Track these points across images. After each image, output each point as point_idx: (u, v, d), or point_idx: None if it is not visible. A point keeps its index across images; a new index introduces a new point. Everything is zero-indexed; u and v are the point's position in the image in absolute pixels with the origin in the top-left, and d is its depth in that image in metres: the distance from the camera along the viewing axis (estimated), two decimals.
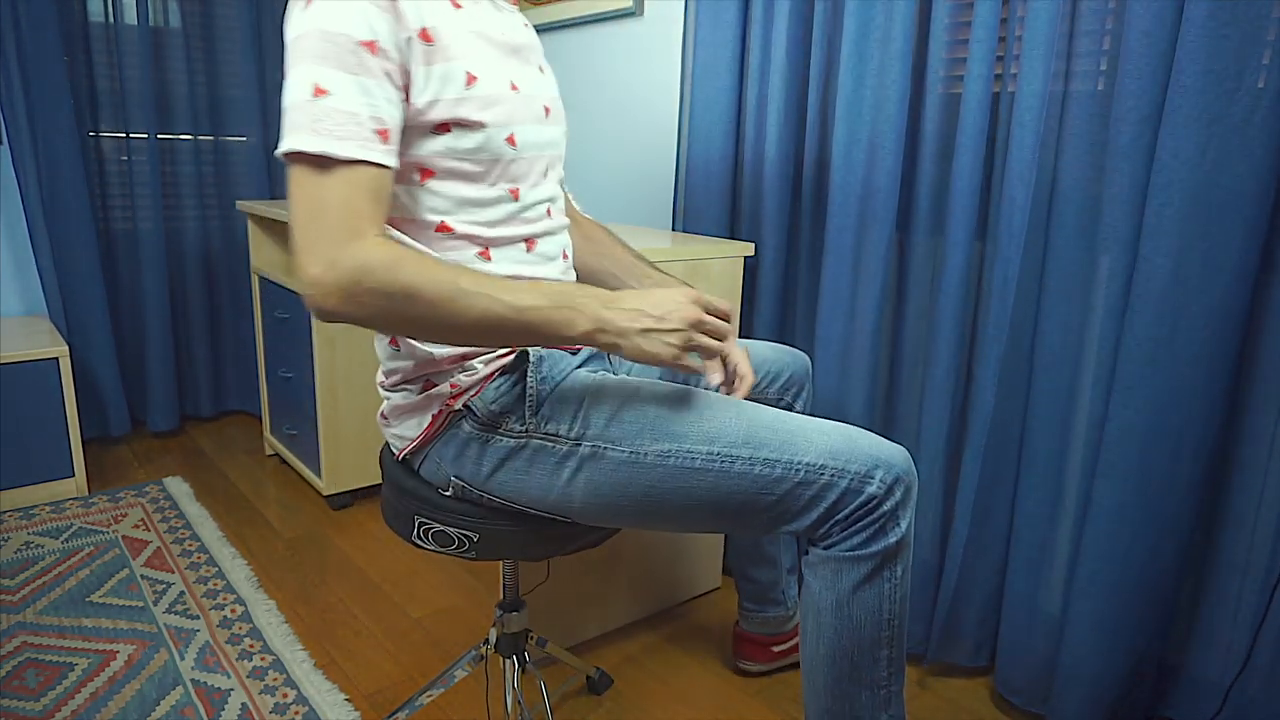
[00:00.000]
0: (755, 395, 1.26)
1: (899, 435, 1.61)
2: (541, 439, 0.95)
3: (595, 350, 1.06)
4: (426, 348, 0.97)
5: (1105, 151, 1.24)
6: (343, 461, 2.14)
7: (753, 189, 1.73)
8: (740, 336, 1.79)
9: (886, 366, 1.61)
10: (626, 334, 0.85)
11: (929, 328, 1.54)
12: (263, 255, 2.40)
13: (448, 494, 1.02)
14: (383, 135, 0.83)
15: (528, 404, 0.96)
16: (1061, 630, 1.34)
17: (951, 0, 1.37)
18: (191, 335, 2.73)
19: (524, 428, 0.96)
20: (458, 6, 0.92)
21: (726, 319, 0.93)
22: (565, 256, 1.08)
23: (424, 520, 1.03)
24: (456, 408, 0.97)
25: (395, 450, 1.06)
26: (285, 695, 1.43)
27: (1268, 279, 1.17)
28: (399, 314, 0.81)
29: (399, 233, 0.94)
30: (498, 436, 0.97)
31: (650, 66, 2.06)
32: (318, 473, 2.16)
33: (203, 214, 2.69)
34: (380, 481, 2.23)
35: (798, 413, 1.29)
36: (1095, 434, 1.30)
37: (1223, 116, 1.09)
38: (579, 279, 1.20)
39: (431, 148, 0.90)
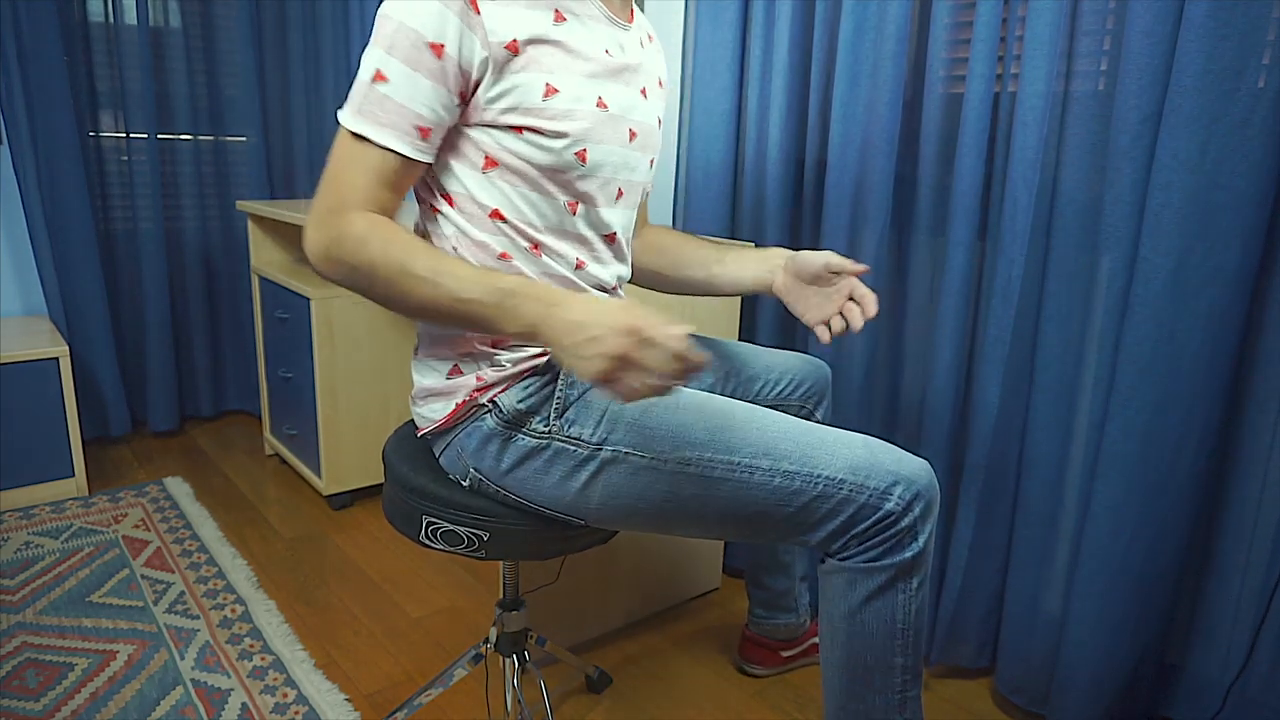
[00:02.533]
0: (778, 403, 1.27)
1: (900, 437, 1.61)
2: (563, 441, 0.96)
3: None
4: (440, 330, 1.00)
5: (1106, 151, 1.24)
6: (343, 461, 2.14)
7: (753, 189, 1.73)
8: (742, 337, 1.79)
9: (886, 367, 1.61)
10: (561, 347, 0.81)
11: (930, 328, 1.54)
12: (263, 255, 2.40)
13: (465, 484, 1.03)
14: (422, 132, 0.89)
15: (554, 407, 0.97)
16: (1062, 630, 1.34)
17: (951, 0, 1.37)
18: (191, 335, 2.73)
19: (547, 429, 0.97)
20: (561, 19, 0.93)
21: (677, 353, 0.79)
22: (617, 290, 1.09)
23: (432, 520, 1.03)
24: (481, 401, 0.99)
25: (418, 426, 1.08)
26: (285, 695, 1.43)
27: (1267, 280, 1.17)
28: (362, 286, 0.88)
29: (454, 210, 0.96)
30: (520, 435, 0.98)
31: None
32: (318, 473, 2.16)
33: (203, 214, 2.69)
34: (380, 481, 2.23)
35: (818, 421, 1.29)
36: (1095, 434, 1.30)
37: (1222, 117, 1.09)
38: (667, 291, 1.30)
39: (504, 142, 0.93)
